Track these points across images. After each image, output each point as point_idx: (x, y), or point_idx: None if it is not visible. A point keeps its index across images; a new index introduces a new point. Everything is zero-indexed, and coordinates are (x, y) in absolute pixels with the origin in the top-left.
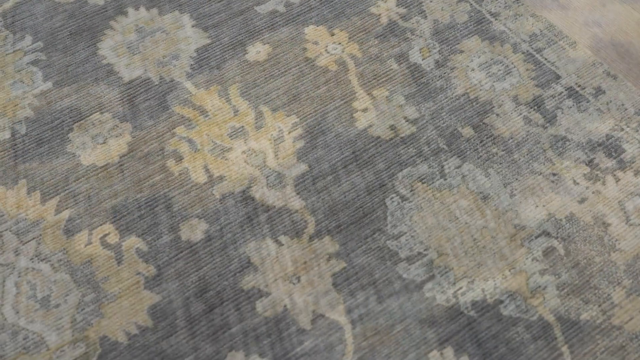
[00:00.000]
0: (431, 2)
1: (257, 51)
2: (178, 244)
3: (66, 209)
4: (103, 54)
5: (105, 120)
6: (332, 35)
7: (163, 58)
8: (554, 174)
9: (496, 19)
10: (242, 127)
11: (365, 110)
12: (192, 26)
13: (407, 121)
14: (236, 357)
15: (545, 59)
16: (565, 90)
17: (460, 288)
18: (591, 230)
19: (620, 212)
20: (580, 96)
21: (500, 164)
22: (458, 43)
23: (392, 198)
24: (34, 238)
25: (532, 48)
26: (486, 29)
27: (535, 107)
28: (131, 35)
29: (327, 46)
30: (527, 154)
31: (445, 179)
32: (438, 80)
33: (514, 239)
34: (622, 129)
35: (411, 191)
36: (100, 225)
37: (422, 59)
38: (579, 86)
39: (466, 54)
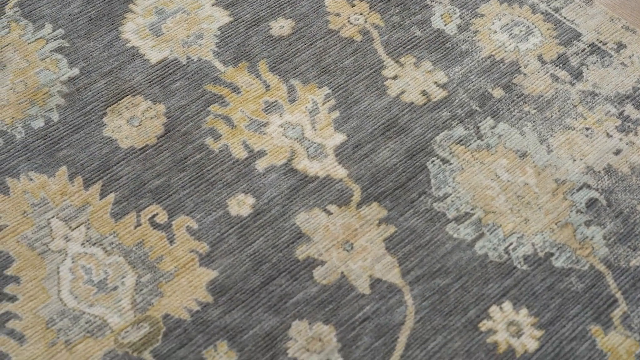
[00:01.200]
0: None
1: (280, 26)
2: (228, 219)
3: (110, 192)
4: (126, 38)
5: (138, 102)
6: (353, 6)
7: (187, 38)
8: (587, 128)
9: None
10: (276, 101)
11: (395, 77)
12: (212, 5)
13: (437, 86)
14: (300, 326)
15: (565, 18)
16: (588, 46)
17: (511, 244)
18: (630, 180)
19: None
20: (603, 52)
21: (534, 121)
22: (477, 7)
23: (433, 161)
24: (82, 223)
25: (550, 8)
26: None
27: (561, 65)
28: (152, 17)
29: (349, 17)
30: (559, 111)
31: (482, 140)
32: (463, 45)
33: (556, 193)
34: None
35: (450, 153)
36: (147, 206)
37: (445, 25)
38: (601, 42)
39: (487, 17)
